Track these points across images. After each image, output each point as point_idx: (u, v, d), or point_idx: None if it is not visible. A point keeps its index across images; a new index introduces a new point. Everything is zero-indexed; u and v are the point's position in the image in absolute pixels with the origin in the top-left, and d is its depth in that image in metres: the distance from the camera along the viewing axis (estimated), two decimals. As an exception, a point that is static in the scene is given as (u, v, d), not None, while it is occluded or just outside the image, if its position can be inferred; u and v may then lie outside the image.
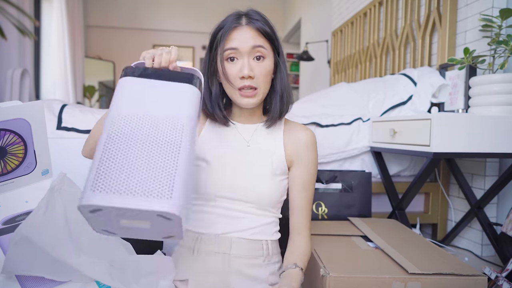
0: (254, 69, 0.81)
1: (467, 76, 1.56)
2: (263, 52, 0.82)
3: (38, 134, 0.78)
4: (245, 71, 0.80)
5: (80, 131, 1.37)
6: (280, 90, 0.87)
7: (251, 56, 0.81)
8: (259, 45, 0.81)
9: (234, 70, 0.82)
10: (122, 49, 5.83)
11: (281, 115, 0.89)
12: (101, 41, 5.76)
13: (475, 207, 1.55)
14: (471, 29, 1.68)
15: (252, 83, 0.81)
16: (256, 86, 0.82)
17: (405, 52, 2.25)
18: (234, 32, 0.81)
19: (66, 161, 1.33)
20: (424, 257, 0.95)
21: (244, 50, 0.81)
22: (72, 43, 4.39)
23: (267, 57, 0.83)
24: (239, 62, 0.82)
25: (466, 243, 1.72)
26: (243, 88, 0.82)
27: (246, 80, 0.81)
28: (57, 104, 1.45)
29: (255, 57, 0.81)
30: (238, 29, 0.81)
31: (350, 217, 1.41)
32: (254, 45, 0.80)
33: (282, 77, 0.87)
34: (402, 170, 1.75)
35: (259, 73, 0.82)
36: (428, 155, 1.26)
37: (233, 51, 0.81)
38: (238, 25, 0.82)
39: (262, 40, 0.82)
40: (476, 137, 1.25)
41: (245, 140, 0.90)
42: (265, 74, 0.83)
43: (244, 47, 0.80)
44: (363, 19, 2.81)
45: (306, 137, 0.91)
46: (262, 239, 0.88)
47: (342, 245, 1.06)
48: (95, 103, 5.21)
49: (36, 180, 0.82)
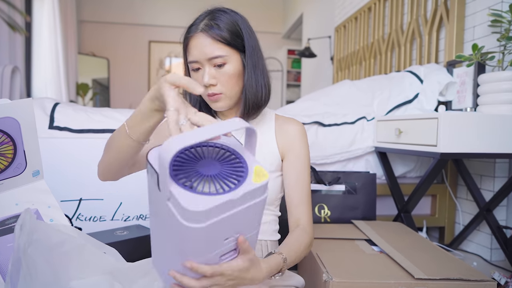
0: (215, 77, 0.84)
1: (475, 74, 1.56)
2: (222, 60, 0.84)
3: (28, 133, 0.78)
4: (205, 80, 0.83)
5: (73, 130, 1.37)
6: (248, 86, 0.88)
7: (211, 64, 0.84)
8: (216, 56, 0.83)
9: (198, 80, 0.85)
10: (117, 45, 5.84)
11: (250, 110, 0.89)
12: (94, 37, 5.76)
13: (484, 210, 1.55)
14: (480, 25, 1.68)
15: (215, 90, 0.84)
16: (219, 92, 0.85)
17: (411, 49, 2.25)
18: (192, 41, 0.84)
19: (58, 162, 1.33)
20: (430, 262, 0.95)
21: (203, 61, 0.83)
22: (64, 39, 4.39)
23: (228, 62, 0.84)
24: (201, 71, 0.85)
25: (475, 247, 1.72)
26: (209, 95, 0.85)
27: (208, 88, 0.84)
28: (49, 103, 1.45)
29: (216, 65, 0.84)
30: (195, 38, 0.84)
31: (354, 220, 1.41)
32: (211, 56, 0.83)
33: (249, 74, 0.88)
34: (408, 171, 1.74)
35: (221, 79, 0.84)
36: (435, 155, 1.26)
37: (195, 63, 0.84)
38: (194, 34, 0.84)
39: (218, 47, 0.83)
40: (485, 137, 1.25)
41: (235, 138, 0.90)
42: (227, 79, 0.85)
43: (201, 59, 0.83)
44: (367, 14, 2.81)
45: (295, 129, 0.93)
46: (262, 239, 0.88)
47: (345, 249, 1.06)
48: (89, 101, 5.21)
49: (26, 182, 0.82)
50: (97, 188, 1.34)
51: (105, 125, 1.41)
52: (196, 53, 0.83)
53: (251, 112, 0.90)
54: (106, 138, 1.37)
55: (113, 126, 1.41)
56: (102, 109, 1.52)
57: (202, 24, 0.84)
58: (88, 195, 1.33)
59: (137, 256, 0.96)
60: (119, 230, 1.23)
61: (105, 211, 1.34)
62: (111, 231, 1.23)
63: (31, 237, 0.64)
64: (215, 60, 0.83)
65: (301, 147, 0.93)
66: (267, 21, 5.94)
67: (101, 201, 1.34)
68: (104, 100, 5.69)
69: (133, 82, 5.96)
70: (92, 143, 1.36)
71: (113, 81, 5.87)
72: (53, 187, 0.87)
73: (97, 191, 1.34)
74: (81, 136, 1.37)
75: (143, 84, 6.04)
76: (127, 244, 1.13)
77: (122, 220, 1.36)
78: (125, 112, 1.51)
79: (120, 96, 5.87)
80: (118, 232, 1.20)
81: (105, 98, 5.71)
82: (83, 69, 5.24)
